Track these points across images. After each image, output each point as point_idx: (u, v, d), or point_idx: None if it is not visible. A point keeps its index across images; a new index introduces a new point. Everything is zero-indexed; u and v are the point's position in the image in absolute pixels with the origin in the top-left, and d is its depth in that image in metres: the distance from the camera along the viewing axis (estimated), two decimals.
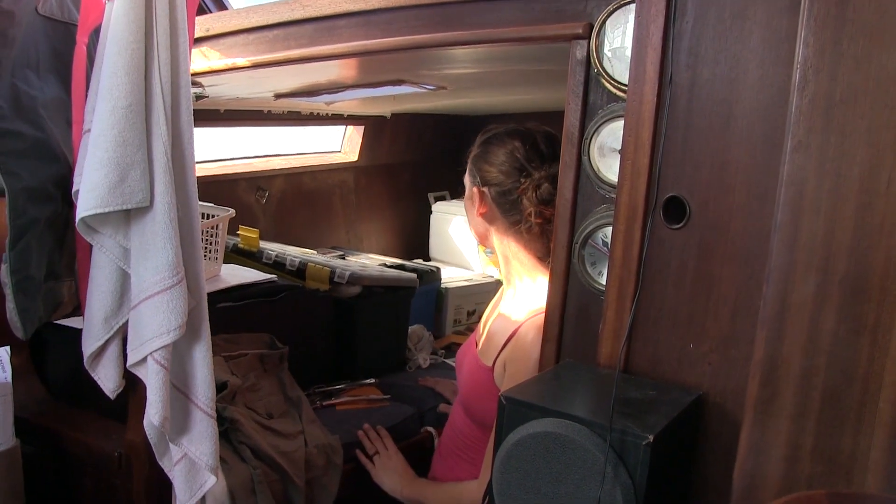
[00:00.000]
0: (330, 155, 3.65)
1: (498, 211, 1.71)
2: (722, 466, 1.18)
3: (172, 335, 1.36)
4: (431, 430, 2.11)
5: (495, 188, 1.70)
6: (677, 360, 1.24)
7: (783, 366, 1.03)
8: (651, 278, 1.25)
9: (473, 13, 1.46)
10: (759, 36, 1.13)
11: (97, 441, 1.76)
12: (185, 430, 1.47)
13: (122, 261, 1.41)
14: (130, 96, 1.31)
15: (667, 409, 1.12)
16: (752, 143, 1.15)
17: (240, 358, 1.94)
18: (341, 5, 1.59)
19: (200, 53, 1.82)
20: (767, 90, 1.14)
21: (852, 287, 0.99)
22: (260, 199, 3.21)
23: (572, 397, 1.20)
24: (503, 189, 1.69)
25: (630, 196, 1.25)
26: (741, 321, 1.17)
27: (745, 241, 1.16)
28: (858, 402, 0.99)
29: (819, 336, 1.01)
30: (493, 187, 1.70)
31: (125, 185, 1.32)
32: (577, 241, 1.38)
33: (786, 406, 1.03)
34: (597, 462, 1.04)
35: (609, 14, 1.32)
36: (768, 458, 1.04)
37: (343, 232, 3.60)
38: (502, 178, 1.69)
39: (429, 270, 2.85)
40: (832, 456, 1.01)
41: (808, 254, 1.01)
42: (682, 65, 1.20)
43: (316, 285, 2.41)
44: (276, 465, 1.72)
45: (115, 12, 1.32)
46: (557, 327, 1.42)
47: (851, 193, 0.99)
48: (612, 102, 1.34)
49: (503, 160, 1.69)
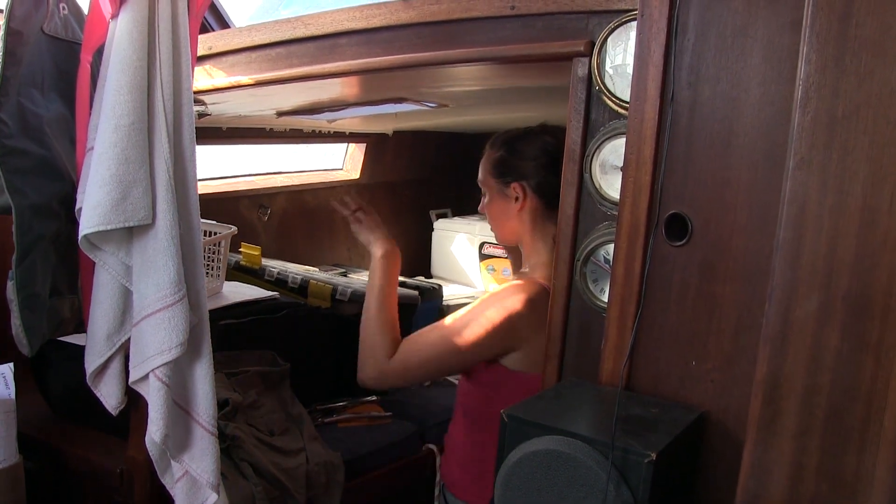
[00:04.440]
0: (332, 172, 3.66)
1: (541, 202, 1.76)
2: (724, 485, 1.17)
3: (174, 352, 1.36)
4: (433, 447, 2.10)
5: (534, 180, 1.76)
6: (679, 378, 1.23)
7: (786, 384, 1.03)
8: (653, 295, 1.25)
9: (475, 31, 1.47)
10: (761, 54, 1.14)
11: (99, 458, 1.75)
12: (187, 446, 1.47)
13: (124, 278, 1.41)
14: (133, 114, 1.32)
15: (669, 427, 1.12)
16: (754, 161, 1.15)
17: (241, 375, 1.94)
18: (343, 24, 1.60)
19: (203, 71, 1.83)
20: (769, 108, 1.14)
21: (855, 305, 0.99)
22: (262, 217, 3.21)
23: (574, 415, 1.19)
24: (542, 180, 1.76)
25: (632, 213, 1.25)
26: (743, 339, 1.17)
27: (746, 259, 1.16)
28: (862, 420, 0.98)
29: (822, 354, 1.00)
30: (532, 179, 1.76)
31: (128, 202, 1.32)
32: (579, 258, 1.38)
33: (789, 424, 1.03)
34: (599, 480, 1.04)
35: (610, 31, 1.32)
36: (771, 476, 1.04)
37: (345, 249, 3.60)
38: (542, 170, 1.75)
39: (431, 288, 2.84)
40: (836, 475, 1.00)
41: (811, 271, 1.01)
42: (684, 82, 1.20)
43: (318, 302, 2.41)
44: (277, 482, 1.71)
45: (119, 31, 1.33)
46: (559, 344, 1.42)
47: (854, 210, 0.98)
48: (613, 119, 1.34)
49: (538, 153, 1.76)
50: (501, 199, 1.80)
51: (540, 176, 1.75)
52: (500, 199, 1.80)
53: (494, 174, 1.80)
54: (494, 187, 1.80)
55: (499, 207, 1.81)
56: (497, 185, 1.80)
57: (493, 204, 1.82)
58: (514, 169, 1.77)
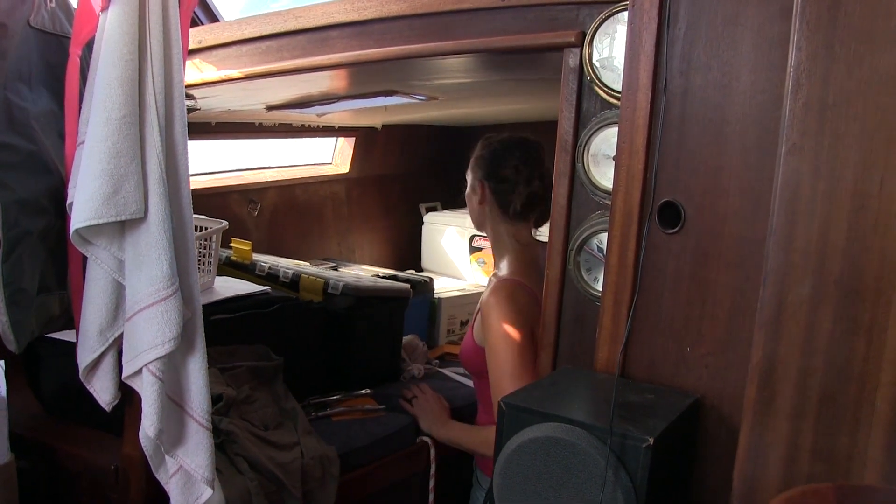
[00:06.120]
0: (321, 167, 3.65)
1: (496, 205, 1.99)
2: (721, 468, 1.18)
3: (168, 346, 1.36)
4: (427, 439, 2.10)
5: (493, 183, 1.98)
6: (674, 364, 1.24)
7: (781, 367, 1.04)
8: (647, 283, 1.26)
9: (467, 23, 1.47)
10: (751, 42, 1.15)
11: (93, 455, 1.74)
12: (181, 441, 1.46)
13: (116, 272, 1.40)
14: (124, 108, 1.31)
15: (666, 412, 1.13)
16: (746, 148, 1.16)
17: (234, 370, 1.93)
18: (334, 16, 1.60)
19: (193, 66, 1.82)
20: (760, 95, 1.15)
21: (847, 288, 1.00)
22: (252, 212, 3.20)
23: (571, 402, 1.20)
24: (498, 187, 1.98)
25: (625, 202, 1.26)
26: (737, 324, 1.18)
27: (739, 245, 1.17)
28: (855, 401, 1.00)
29: (816, 337, 1.02)
30: (492, 182, 1.97)
31: (119, 196, 1.31)
32: (572, 248, 1.39)
33: (784, 407, 1.04)
34: (597, 466, 1.05)
35: (602, 22, 1.33)
36: (767, 458, 1.05)
37: (335, 243, 3.60)
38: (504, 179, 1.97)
39: (422, 281, 2.84)
40: (830, 455, 1.01)
41: (804, 256, 1.02)
42: (675, 71, 1.21)
43: (309, 297, 2.41)
44: (272, 476, 1.71)
45: (109, 24, 1.32)
46: (554, 333, 1.43)
47: (845, 195, 1.00)
48: (605, 109, 1.35)
49: (511, 163, 1.97)
50: (472, 192, 2.02)
51: (499, 182, 1.96)
52: (471, 191, 2.03)
53: (472, 168, 2.02)
54: (469, 180, 2.03)
55: (469, 198, 2.04)
56: (471, 179, 2.02)
57: (468, 194, 2.05)
58: (483, 168, 1.98)
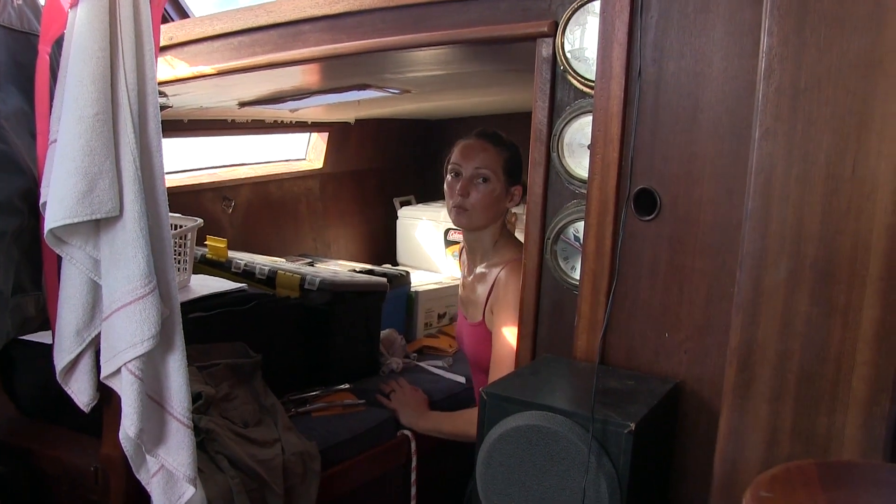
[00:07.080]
0: (295, 163, 3.63)
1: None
2: (701, 451, 1.20)
3: (147, 345, 1.35)
4: (408, 432, 2.11)
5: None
6: (654, 351, 1.26)
7: (759, 350, 1.05)
8: (625, 270, 1.27)
9: (439, 14, 1.47)
10: (723, 29, 1.16)
11: (72, 457, 1.72)
12: (162, 440, 1.45)
13: (92, 272, 1.39)
14: (97, 105, 1.30)
15: (646, 397, 1.14)
16: (720, 135, 1.18)
17: (213, 368, 1.92)
18: (306, 10, 1.59)
19: (164, 62, 1.80)
20: (732, 82, 1.16)
21: (823, 270, 1.02)
22: (226, 209, 3.18)
23: (552, 390, 1.21)
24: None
25: (601, 190, 1.27)
26: (715, 309, 1.20)
27: (715, 230, 1.19)
28: (832, 381, 1.01)
29: (793, 319, 1.03)
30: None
31: (94, 194, 1.30)
32: (548, 237, 1.40)
33: (763, 389, 1.05)
34: (580, 452, 1.05)
35: (574, 11, 1.33)
36: (747, 440, 1.06)
37: (310, 239, 3.58)
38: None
39: (398, 274, 2.84)
40: (810, 435, 1.03)
41: (780, 240, 1.03)
42: (648, 59, 1.22)
43: (286, 293, 2.40)
44: (254, 473, 1.70)
45: (79, 21, 1.30)
46: (532, 323, 1.43)
47: (819, 179, 1.01)
48: (579, 99, 1.36)
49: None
50: (502, 193, 2.00)
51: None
52: (501, 192, 2.00)
53: (505, 171, 2.01)
54: (502, 182, 2.00)
55: (497, 198, 2.01)
56: (505, 182, 2.00)
57: (493, 195, 2.00)
58: (518, 173, 2.01)
